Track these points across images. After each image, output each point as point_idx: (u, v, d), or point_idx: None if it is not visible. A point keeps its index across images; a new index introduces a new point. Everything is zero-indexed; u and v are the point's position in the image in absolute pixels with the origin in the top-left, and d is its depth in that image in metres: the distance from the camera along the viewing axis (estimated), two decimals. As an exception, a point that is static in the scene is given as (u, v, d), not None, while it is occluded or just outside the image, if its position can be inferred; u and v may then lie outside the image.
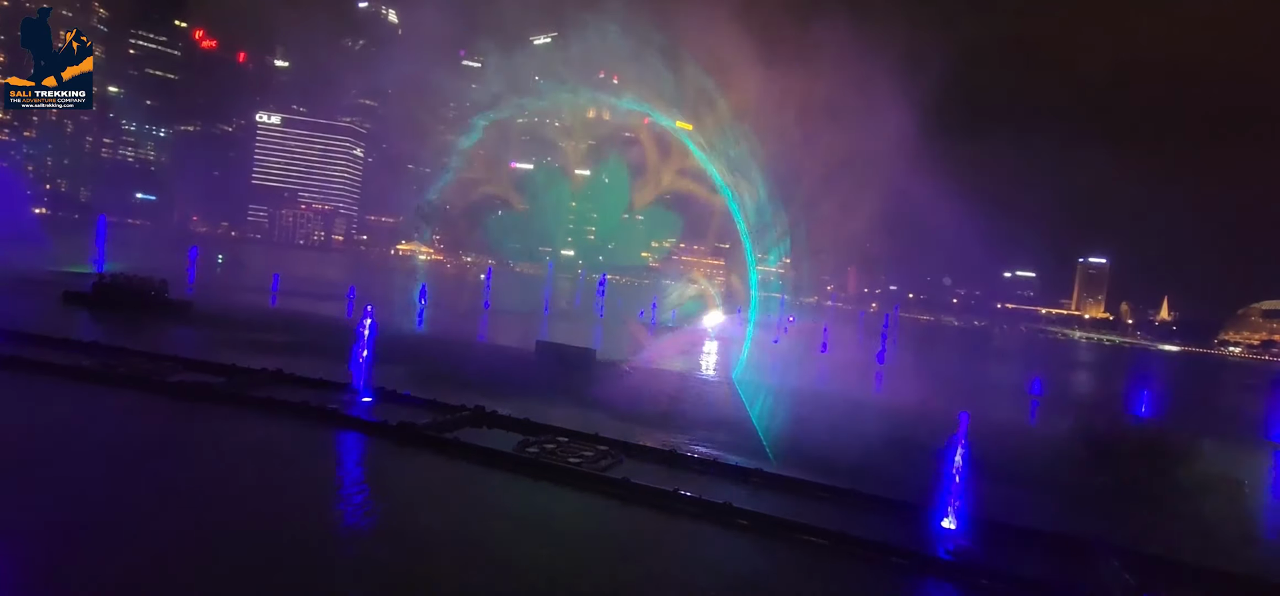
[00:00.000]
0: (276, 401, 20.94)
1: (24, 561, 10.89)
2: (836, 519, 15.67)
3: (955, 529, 15.81)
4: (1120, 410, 42.44)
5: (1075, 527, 17.20)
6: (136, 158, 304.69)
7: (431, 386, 24.71)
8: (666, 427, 25.07)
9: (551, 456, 18.43)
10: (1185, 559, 15.77)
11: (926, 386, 49.50)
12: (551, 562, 12.84)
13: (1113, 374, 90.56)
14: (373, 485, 16.41)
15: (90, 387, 21.55)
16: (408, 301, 63.24)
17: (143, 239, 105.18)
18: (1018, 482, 22.78)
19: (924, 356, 79.27)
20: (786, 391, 36.22)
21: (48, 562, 10.90)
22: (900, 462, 23.82)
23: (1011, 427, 34.62)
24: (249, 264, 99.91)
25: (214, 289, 63.35)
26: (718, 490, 17.00)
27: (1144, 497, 22.55)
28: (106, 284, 41.17)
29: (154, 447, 17.50)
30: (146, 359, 25.56)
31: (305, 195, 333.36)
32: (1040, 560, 14.95)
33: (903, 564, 14.26)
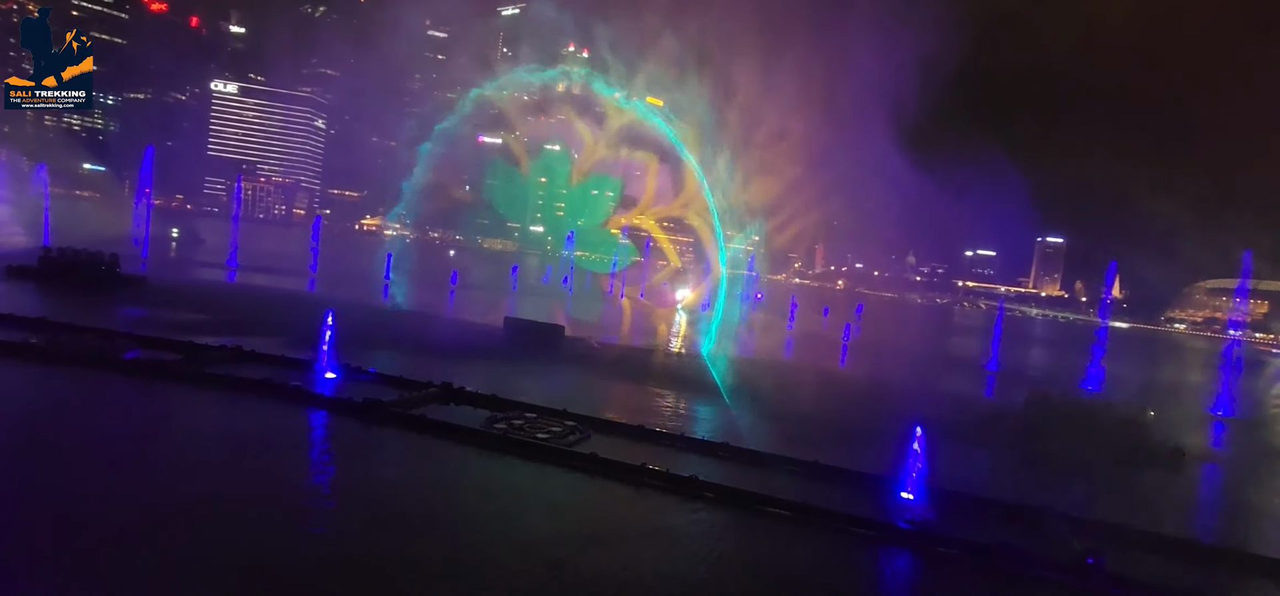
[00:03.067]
0: (237, 379, 20.46)
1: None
2: (800, 490, 16.04)
3: (914, 499, 16.31)
4: (1071, 383, 44.06)
5: (1026, 497, 17.89)
6: (83, 126, 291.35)
7: (398, 362, 24.43)
8: (635, 407, 25.24)
9: (519, 432, 18.43)
10: (1127, 523, 16.56)
11: (889, 362, 50.64)
12: (517, 536, 12.90)
13: (1063, 349, 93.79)
14: (339, 464, 16.23)
15: (39, 367, 20.77)
16: (375, 277, 62.14)
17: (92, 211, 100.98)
18: (972, 453, 23.56)
19: (887, 333, 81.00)
20: (754, 363, 36.68)
21: (6, 546, 10.58)
22: (862, 436, 24.41)
23: (967, 400, 35.68)
24: (206, 238, 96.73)
25: (169, 264, 61.34)
26: (684, 464, 17.24)
27: (1087, 466, 23.51)
28: (53, 257, 39.51)
29: (110, 429, 16.99)
30: (99, 335, 24.70)
31: (265, 168, 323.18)
32: (994, 527, 15.53)
33: (864, 533, 14.69)
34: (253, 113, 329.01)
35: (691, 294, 48.96)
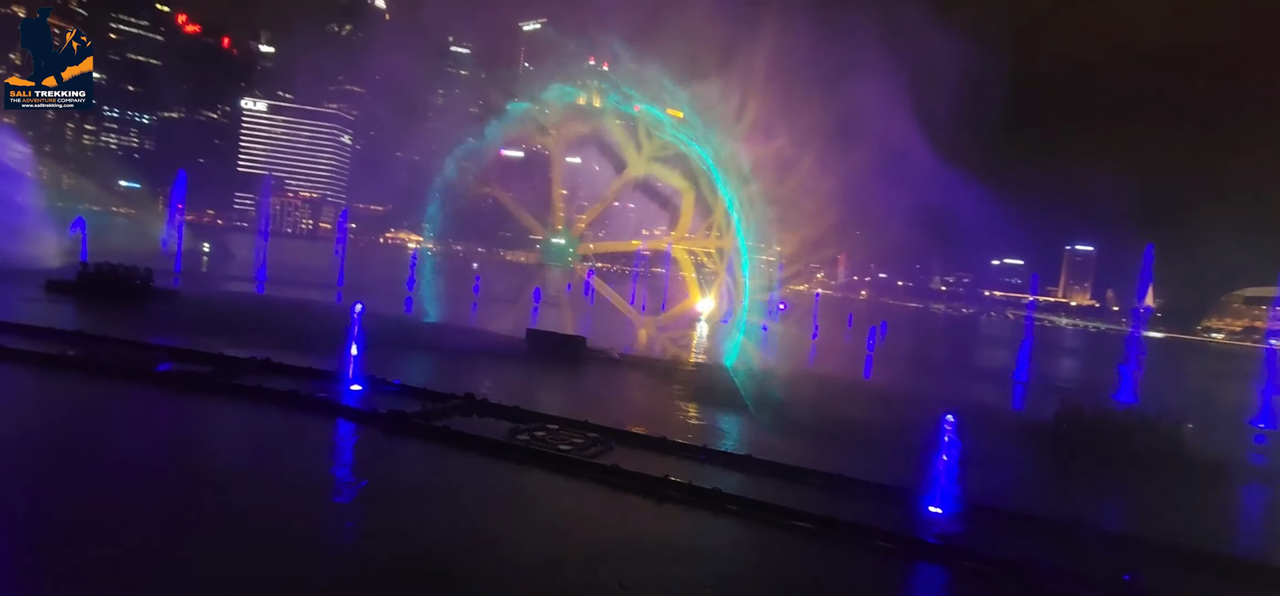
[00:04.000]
0: (265, 390, 20.81)
1: (18, 551, 10.81)
2: (825, 503, 15.82)
3: (942, 513, 16.00)
4: (1104, 395, 42.99)
5: (1058, 511, 17.45)
6: (120, 145, 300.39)
7: (422, 373, 24.67)
8: (657, 419, 25.15)
9: (542, 443, 18.46)
10: (1165, 539, 16.05)
11: (914, 372, 49.94)
12: (541, 549, 12.88)
13: (1094, 359, 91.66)
14: (363, 475, 16.39)
15: (76, 378, 21.32)
16: (399, 289, 62.93)
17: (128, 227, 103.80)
18: (1001, 466, 23.07)
19: (911, 343, 79.90)
20: (776, 374, 36.39)
21: (41, 554, 10.82)
22: (887, 447, 24.04)
23: (996, 412, 34.99)
24: (236, 252, 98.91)
25: (200, 278, 62.75)
26: (707, 476, 17.11)
27: (1122, 480, 22.89)
28: (90, 273, 40.63)
29: (141, 439, 17.38)
30: (132, 348, 25.32)
31: (293, 183, 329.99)
32: (1026, 542, 15.16)
33: (891, 548, 14.42)
34: (281, 129, 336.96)
35: (713, 305, 48.74)
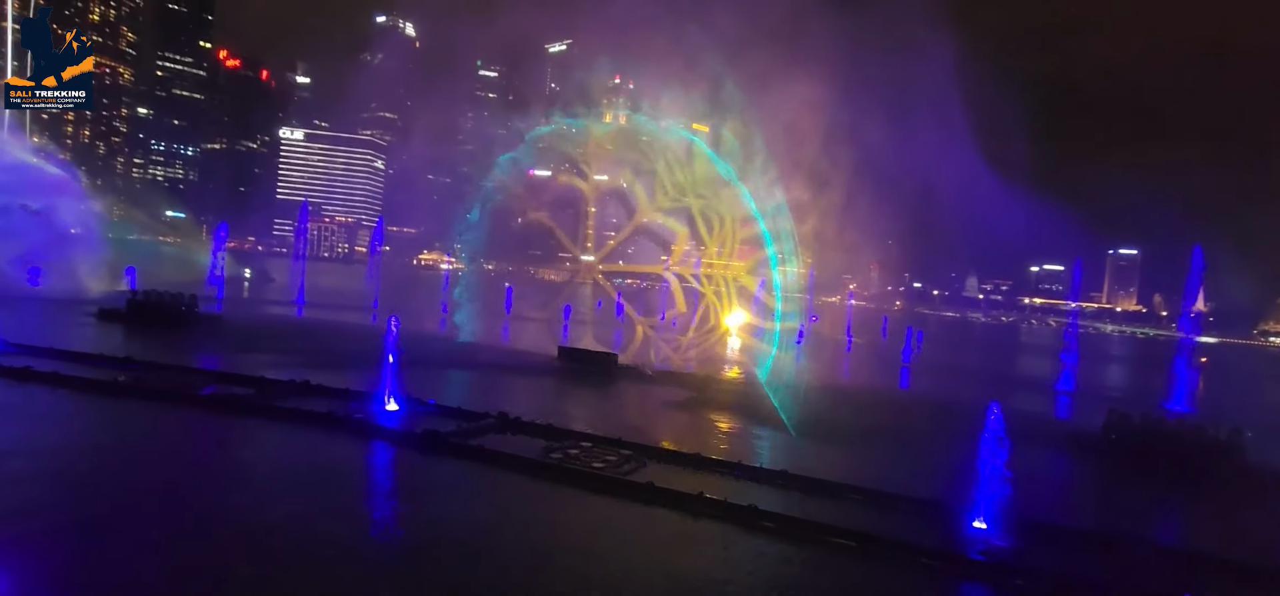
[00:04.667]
0: (304, 412, 21.23)
1: (74, 564, 11.15)
2: (864, 519, 15.46)
3: (987, 528, 15.51)
4: (1155, 403, 41.36)
5: (1109, 526, 16.78)
6: (166, 176, 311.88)
7: (456, 392, 24.91)
8: (689, 434, 24.94)
9: (575, 462, 18.45)
10: (1223, 554, 15.30)
11: (953, 382, 48.77)
12: (577, 568, 12.82)
13: (1142, 366, 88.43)
14: (400, 495, 16.56)
15: (125, 402, 22.04)
16: (432, 309, 63.91)
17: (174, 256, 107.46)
18: (1048, 480, 22.32)
19: (949, 352, 78.12)
20: (811, 386, 35.89)
21: (94, 568, 11.15)
22: (927, 461, 23.46)
23: (1040, 422, 33.91)
24: (276, 277, 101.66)
25: (242, 303, 64.53)
26: (743, 492, 16.88)
27: (1176, 492, 21.95)
28: (139, 301, 42.13)
29: (186, 462, 17.85)
30: (179, 372, 26.12)
31: (329, 208, 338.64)
32: (1076, 558, 14.60)
33: (934, 565, 14.01)
34: (317, 156, 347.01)
35: (744, 318, 48.36)
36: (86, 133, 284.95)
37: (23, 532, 12.19)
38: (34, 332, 31.63)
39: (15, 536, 12.04)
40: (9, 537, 12.02)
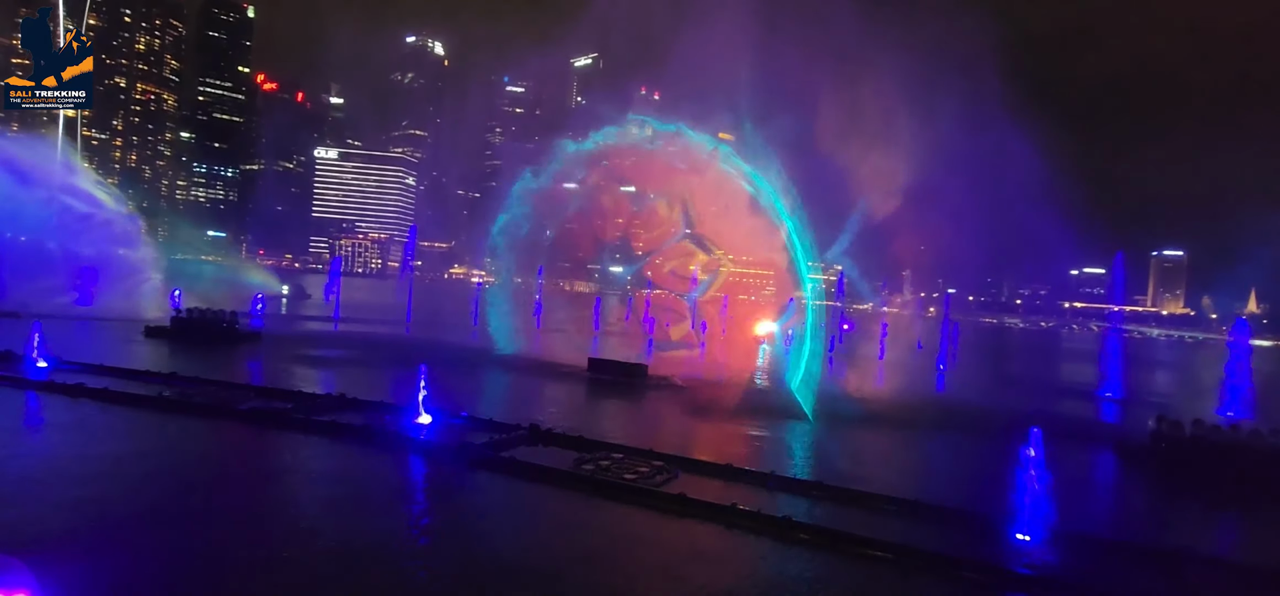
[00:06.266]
0: (340, 425, 21.60)
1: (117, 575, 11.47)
2: (903, 531, 15.11)
3: (1031, 541, 15.02)
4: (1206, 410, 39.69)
5: (1159, 539, 16.13)
6: (207, 198, 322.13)
7: (487, 404, 25.09)
8: (722, 445, 24.72)
9: (607, 473, 18.40)
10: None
11: (992, 390, 47.59)
12: (611, 580, 12.75)
13: (1191, 372, 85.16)
14: (434, 507, 16.69)
15: (171, 416, 22.69)
16: (463, 323, 64.66)
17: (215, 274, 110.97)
18: (1094, 490, 21.58)
19: (987, 360, 76.24)
20: (845, 395, 35.33)
21: (138, 581, 11.45)
22: (967, 471, 22.88)
23: (1086, 430, 32.84)
24: (312, 294, 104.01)
25: (280, 319, 66.11)
26: (777, 503, 16.64)
27: (1232, 503, 21.01)
28: (183, 318, 43.47)
29: (228, 474, 18.28)
30: (221, 387, 26.84)
31: (363, 225, 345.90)
32: (1125, 573, 14.05)
33: (977, 579, 13.60)
34: (351, 175, 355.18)
35: (775, 327, 47.92)
36: (133, 158, 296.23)
37: (77, 523, 12.59)
38: (85, 351, 32.85)
39: (70, 526, 12.47)
40: (65, 528, 12.66)
